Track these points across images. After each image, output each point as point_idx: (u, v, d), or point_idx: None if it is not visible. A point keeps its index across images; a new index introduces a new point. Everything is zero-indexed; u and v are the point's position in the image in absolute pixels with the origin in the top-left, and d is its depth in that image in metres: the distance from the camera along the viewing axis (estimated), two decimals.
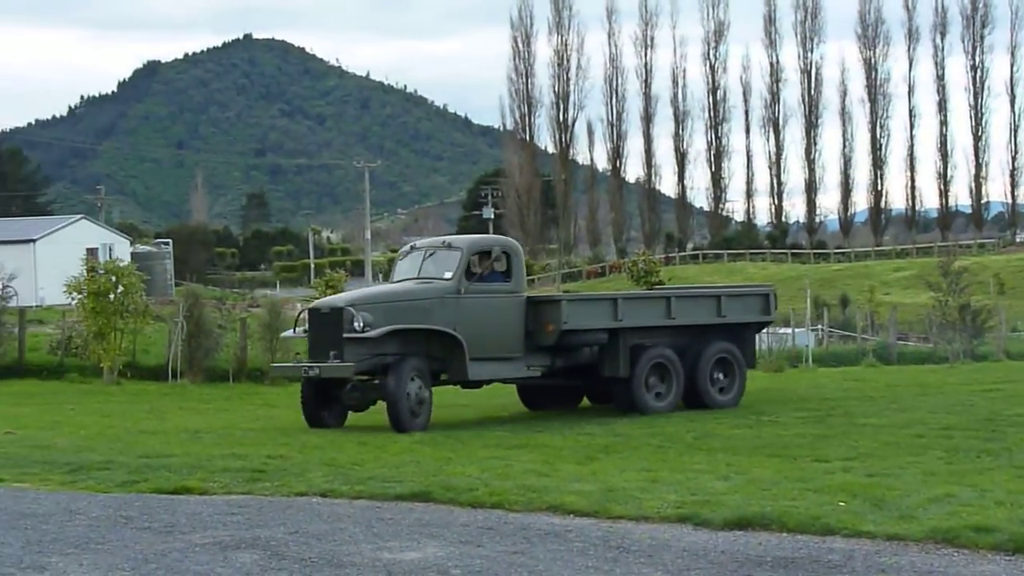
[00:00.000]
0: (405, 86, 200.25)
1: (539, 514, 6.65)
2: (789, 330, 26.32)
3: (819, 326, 30.71)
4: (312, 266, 70.08)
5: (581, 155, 65.42)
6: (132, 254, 37.70)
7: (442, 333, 12.36)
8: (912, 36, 64.86)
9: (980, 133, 60.85)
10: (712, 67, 63.10)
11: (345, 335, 11.97)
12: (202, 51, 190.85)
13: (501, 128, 68.68)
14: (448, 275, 12.93)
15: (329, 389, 12.67)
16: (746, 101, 64.71)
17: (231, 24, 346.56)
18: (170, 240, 55.95)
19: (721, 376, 14.00)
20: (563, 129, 61.27)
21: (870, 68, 62.18)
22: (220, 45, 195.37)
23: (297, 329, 13.93)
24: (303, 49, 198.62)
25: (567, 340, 13.08)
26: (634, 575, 5.12)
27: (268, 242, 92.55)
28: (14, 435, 12.18)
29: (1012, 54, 68.24)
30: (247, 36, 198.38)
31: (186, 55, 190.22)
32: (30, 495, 8.03)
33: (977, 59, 64.83)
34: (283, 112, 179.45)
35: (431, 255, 13.56)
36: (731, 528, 6.02)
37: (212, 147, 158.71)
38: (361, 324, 11.97)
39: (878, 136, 62.70)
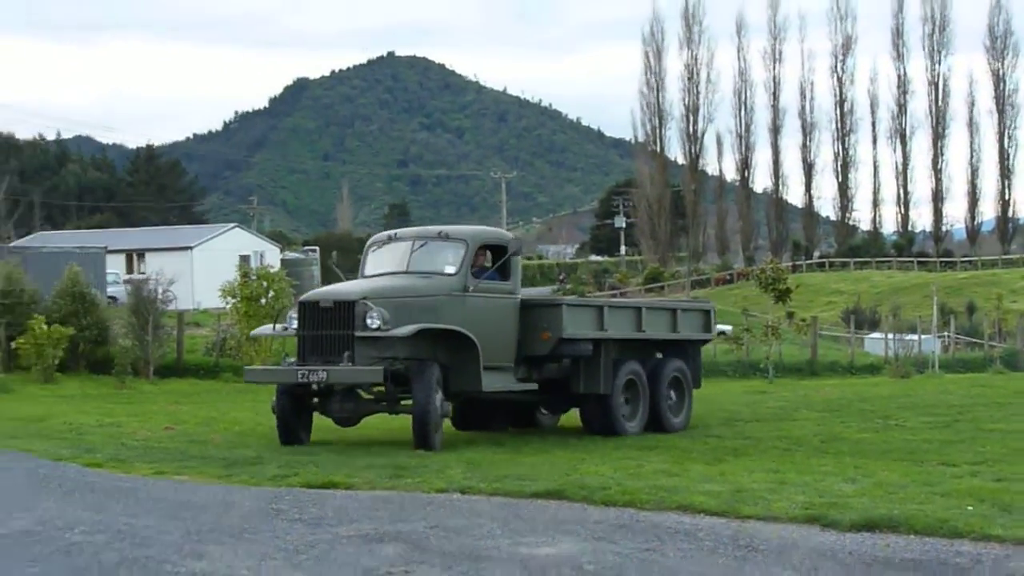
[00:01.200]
0: (540, 100, 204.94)
1: (670, 513, 6.76)
2: (916, 336, 26.21)
3: (946, 333, 30.49)
4: None
5: (710, 166, 68.23)
6: (282, 260, 38.99)
7: (456, 336, 10.62)
8: None
9: None
10: (840, 80, 65.50)
11: (358, 334, 10.25)
12: (348, 68, 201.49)
13: (633, 140, 71.69)
14: (450, 269, 11.29)
15: (303, 400, 10.94)
16: (873, 113, 66.60)
17: (376, 43, 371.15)
18: (317, 247, 58.15)
19: (673, 396, 12.71)
20: (693, 141, 64.03)
21: (998, 79, 62.99)
22: (365, 62, 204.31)
23: (278, 326, 12.29)
24: (443, 65, 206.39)
25: (559, 350, 11.53)
26: (763, 574, 5.18)
27: None
28: (173, 431, 12.73)
29: None
30: (390, 54, 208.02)
31: (333, 72, 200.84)
32: (189, 487, 8.48)
33: None
34: (424, 125, 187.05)
35: (422, 246, 11.67)
36: (859, 530, 6.12)
37: (357, 159, 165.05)
38: (378, 322, 10.22)
39: (1005, 146, 63.27)
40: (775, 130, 64.83)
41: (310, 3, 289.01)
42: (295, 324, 10.88)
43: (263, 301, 20.37)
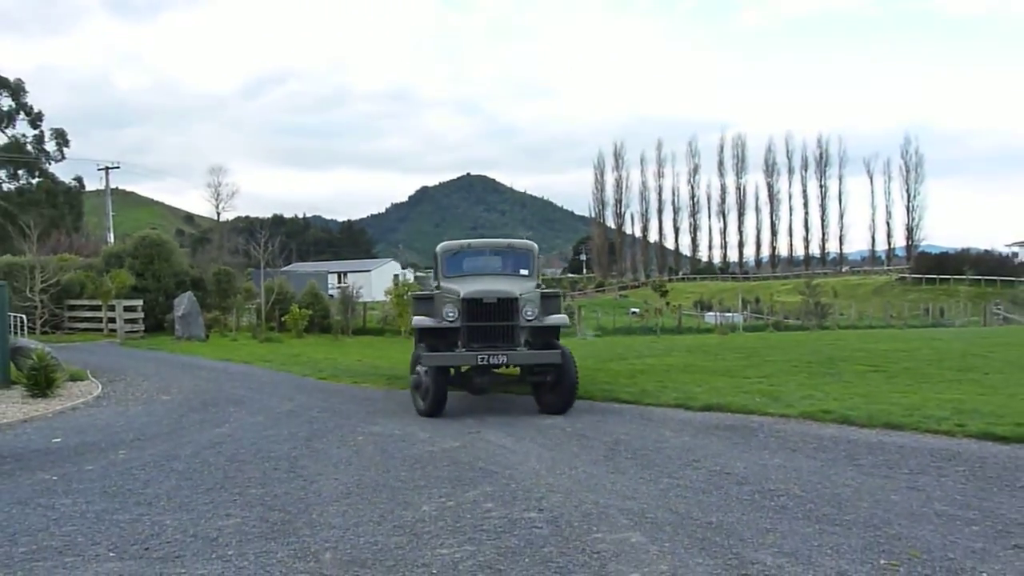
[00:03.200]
0: (544, 196, 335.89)
1: None
2: (730, 314, 50.50)
3: (744, 312, 53.04)
4: None
5: (628, 228, 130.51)
6: (414, 276, 62.11)
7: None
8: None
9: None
10: (692, 186, 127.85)
11: (521, 322, 11.77)
12: (446, 181, 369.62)
13: (589, 215, 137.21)
14: (525, 272, 13.05)
15: (445, 377, 11.77)
16: (709, 202, 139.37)
17: (460, 166, 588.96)
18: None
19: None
20: (619, 216, 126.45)
21: (770, 187, 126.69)
22: (455, 177, 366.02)
23: (432, 320, 12.48)
24: (494, 180, 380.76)
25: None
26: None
27: None
28: (361, 362, 20.29)
29: None
30: (467, 173, 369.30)
31: (440, 183, 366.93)
32: (368, 389, 14.70)
33: None
34: (484, 210, 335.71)
35: (501, 254, 13.41)
36: (706, 410, 11.40)
37: (450, 225, 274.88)
38: (534, 313, 11.91)
39: (773, 220, 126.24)
40: (660, 211, 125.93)
41: (428, 147, 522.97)
42: (451, 316, 11.92)
43: (405, 296, 29.22)
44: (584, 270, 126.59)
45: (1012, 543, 5.68)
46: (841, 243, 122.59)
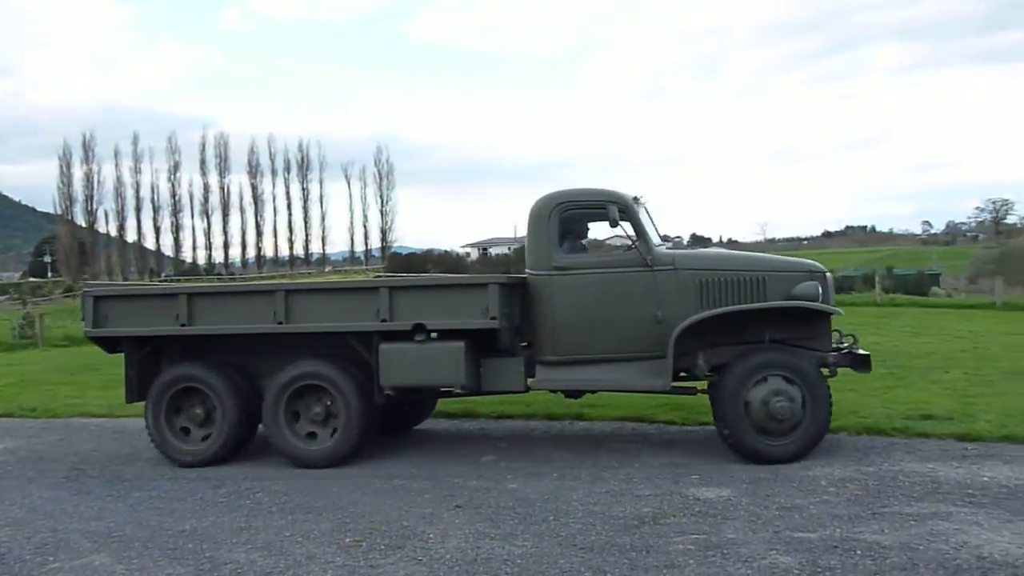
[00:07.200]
0: None
1: None
2: None
3: None
4: None
5: (101, 226, 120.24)
6: None
7: None
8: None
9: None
10: (173, 184, 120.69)
11: None
12: None
13: (55, 211, 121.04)
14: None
15: None
16: (191, 201, 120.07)
17: None
18: None
19: None
20: (90, 212, 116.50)
21: (254, 188, 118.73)
22: None
23: None
24: None
25: None
26: None
27: None
28: None
29: None
30: None
31: None
32: None
33: None
34: None
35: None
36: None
37: None
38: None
39: (259, 222, 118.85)
40: (138, 209, 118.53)
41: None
42: None
43: None
44: (49, 273, 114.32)
45: (455, 504, 6.53)
46: (324, 244, 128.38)
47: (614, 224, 7.73)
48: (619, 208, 7.79)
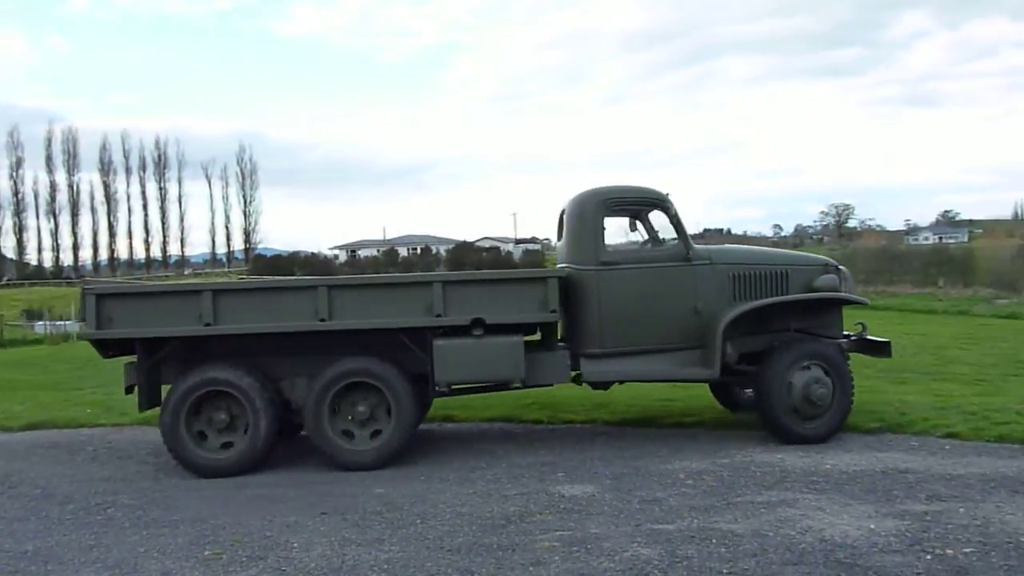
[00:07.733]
0: None
1: None
2: (65, 323, 32.48)
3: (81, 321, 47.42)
4: None
5: None
6: None
7: None
8: None
9: None
10: (15, 181, 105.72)
11: None
12: None
13: None
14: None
15: None
16: (36, 200, 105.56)
17: None
18: None
19: None
20: None
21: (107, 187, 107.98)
22: None
23: None
24: None
25: None
26: None
27: None
28: None
29: None
30: None
31: None
32: None
33: None
34: None
35: None
36: None
37: None
38: None
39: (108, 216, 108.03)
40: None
41: None
42: None
43: None
44: None
45: (320, 511, 6.41)
46: (183, 245, 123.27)
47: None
48: (662, 205, 8.16)
